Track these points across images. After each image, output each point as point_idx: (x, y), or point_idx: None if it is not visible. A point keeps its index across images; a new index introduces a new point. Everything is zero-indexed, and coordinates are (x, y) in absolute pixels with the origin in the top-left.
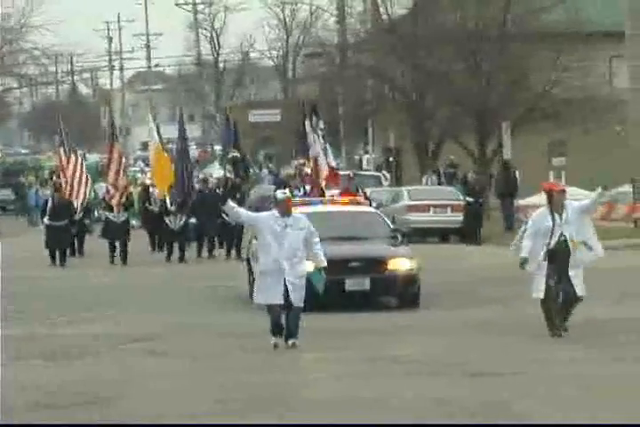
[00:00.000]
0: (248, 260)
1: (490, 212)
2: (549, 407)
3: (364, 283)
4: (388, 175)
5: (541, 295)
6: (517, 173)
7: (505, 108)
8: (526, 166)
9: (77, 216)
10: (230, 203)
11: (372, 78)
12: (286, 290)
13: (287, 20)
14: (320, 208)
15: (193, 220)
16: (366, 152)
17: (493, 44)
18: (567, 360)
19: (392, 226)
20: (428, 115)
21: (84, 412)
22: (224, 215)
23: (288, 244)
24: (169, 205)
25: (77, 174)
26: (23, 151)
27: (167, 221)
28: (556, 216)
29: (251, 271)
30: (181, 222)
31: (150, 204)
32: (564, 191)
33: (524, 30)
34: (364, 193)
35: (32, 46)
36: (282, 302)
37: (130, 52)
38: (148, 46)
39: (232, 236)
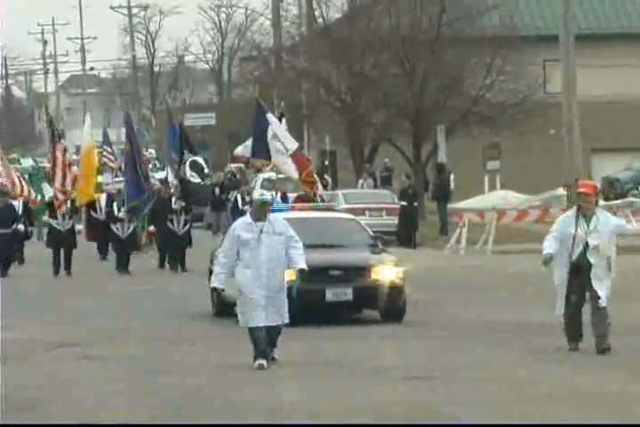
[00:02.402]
0: (210, 272)
1: (425, 215)
2: (479, 410)
3: (346, 293)
4: (329, 179)
5: (562, 311)
6: (452, 176)
7: (439, 111)
8: (461, 170)
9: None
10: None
11: (308, 82)
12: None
13: (222, 23)
14: (295, 214)
15: (152, 227)
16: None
17: (427, 48)
18: (489, 363)
19: (372, 233)
20: (363, 118)
21: (14, 417)
22: (170, 224)
23: (265, 252)
24: (116, 212)
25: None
26: None
27: (114, 228)
28: (583, 223)
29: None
30: (129, 230)
31: (95, 211)
32: (592, 194)
33: (458, 35)
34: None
35: None
36: (264, 323)
37: (64, 56)
38: (82, 50)
39: (179, 246)
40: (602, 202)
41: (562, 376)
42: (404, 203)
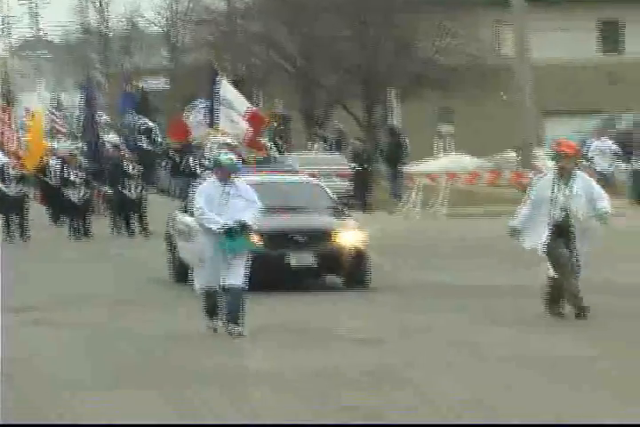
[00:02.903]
0: (169, 236)
1: (378, 179)
2: (436, 373)
3: (309, 258)
4: (281, 143)
5: (540, 248)
6: (406, 139)
7: (392, 75)
8: (414, 134)
9: None
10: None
11: (260, 45)
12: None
13: None
14: (257, 178)
15: (104, 188)
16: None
17: (380, 11)
18: (450, 327)
19: (335, 197)
20: (316, 82)
21: None
22: (124, 188)
23: (229, 215)
24: (71, 177)
25: None
26: None
27: (68, 193)
28: (562, 185)
29: (172, 250)
30: (84, 194)
31: (45, 175)
32: (573, 155)
33: None
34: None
35: None
36: (221, 284)
37: (15, 19)
38: (34, 13)
39: (133, 211)
40: (552, 164)
41: (518, 339)
42: (356, 166)
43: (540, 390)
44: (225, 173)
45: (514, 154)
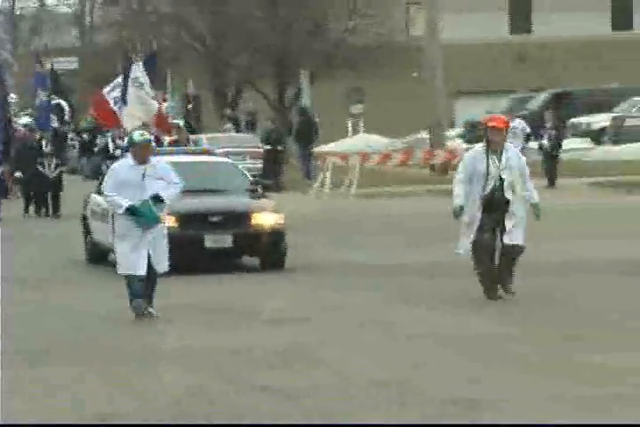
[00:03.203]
0: (84, 218)
1: (290, 159)
2: (349, 352)
3: (225, 240)
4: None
5: (462, 252)
6: (317, 119)
7: (303, 55)
8: (325, 114)
9: None
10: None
11: (171, 25)
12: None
13: None
14: (171, 158)
15: (17, 173)
16: (165, 100)
17: None
18: (364, 306)
19: (251, 178)
20: (227, 62)
21: None
22: (40, 167)
23: (146, 196)
24: None
25: None
26: None
27: None
28: (494, 158)
29: (88, 231)
30: None
31: None
32: (503, 128)
33: None
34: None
35: None
36: (144, 272)
37: None
38: None
39: (50, 191)
40: (464, 144)
41: (431, 318)
42: (268, 147)
43: (453, 367)
44: (140, 152)
45: (425, 134)
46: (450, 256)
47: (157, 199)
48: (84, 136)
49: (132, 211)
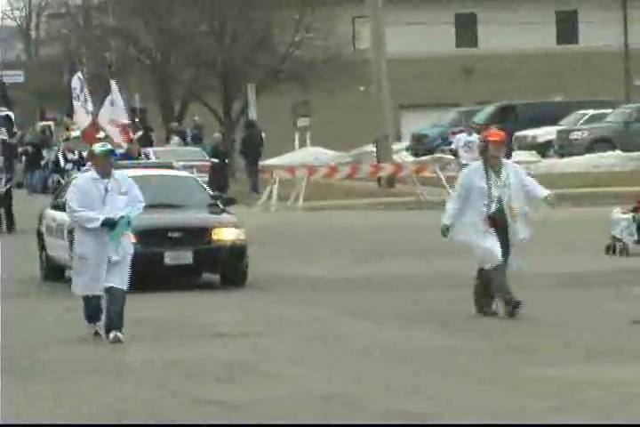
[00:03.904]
0: (39, 233)
1: (236, 172)
2: (297, 367)
3: (185, 256)
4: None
5: (497, 262)
6: (263, 133)
7: (249, 69)
8: (272, 127)
9: None
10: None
11: (116, 39)
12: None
13: None
14: (130, 172)
15: None
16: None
17: (236, 5)
18: (308, 320)
19: (212, 192)
20: (173, 76)
21: None
22: None
23: (109, 211)
24: None
25: None
26: None
27: None
28: (492, 175)
29: (43, 247)
30: None
31: None
32: (500, 142)
33: None
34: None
35: None
36: (101, 291)
37: None
38: None
39: (2, 205)
40: (411, 158)
41: (378, 332)
42: (215, 160)
43: (398, 380)
44: (101, 165)
45: (372, 147)
46: (400, 270)
47: (120, 219)
48: (30, 149)
49: (109, 224)
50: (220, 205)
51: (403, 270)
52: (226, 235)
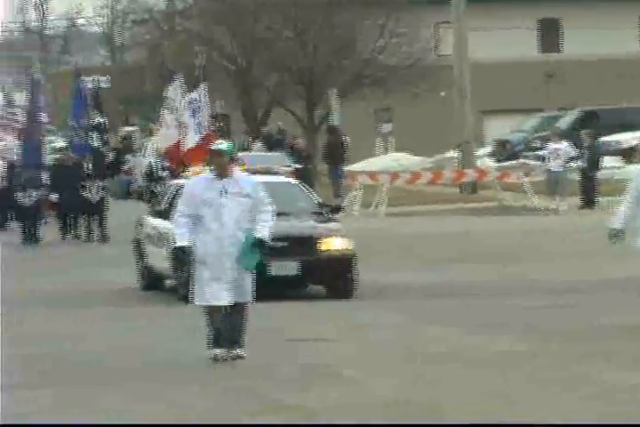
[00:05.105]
0: (137, 242)
1: (320, 178)
2: (375, 373)
3: (291, 267)
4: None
5: None
6: (346, 138)
7: (332, 74)
8: (354, 133)
9: None
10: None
11: (200, 45)
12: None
13: None
14: None
15: (54, 195)
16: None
17: (319, 10)
18: (388, 326)
19: (319, 200)
20: (256, 82)
21: None
22: (83, 190)
23: (228, 217)
24: (17, 179)
25: None
26: None
27: (18, 196)
28: None
29: (141, 255)
30: (33, 198)
31: None
32: None
33: None
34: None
35: None
36: (227, 301)
37: None
38: None
39: (95, 213)
40: (494, 164)
41: (458, 337)
42: (298, 165)
43: (473, 386)
44: (217, 164)
45: (454, 152)
46: (482, 276)
47: (260, 245)
48: (111, 155)
49: (181, 252)
50: (327, 213)
51: (485, 276)
52: (334, 245)
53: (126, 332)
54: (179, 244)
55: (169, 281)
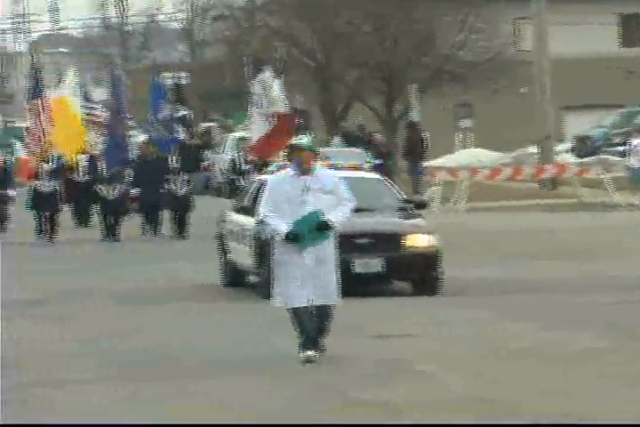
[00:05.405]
0: (220, 237)
1: (400, 174)
2: (454, 369)
3: (376, 264)
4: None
5: None
6: (426, 134)
7: (411, 70)
8: (433, 128)
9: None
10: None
11: (280, 40)
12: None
13: None
14: None
15: (135, 190)
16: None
17: (399, 6)
18: (469, 322)
19: (403, 195)
20: (336, 77)
21: None
22: (168, 184)
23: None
24: (101, 173)
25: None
26: None
27: (100, 190)
28: None
29: (224, 251)
30: (116, 192)
31: (73, 173)
32: None
33: None
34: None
35: None
36: (308, 302)
37: (36, 15)
38: (54, 8)
39: (180, 208)
40: (573, 159)
41: (539, 334)
42: (377, 161)
43: (553, 383)
44: (305, 161)
45: (533, 148)
46: (564, 272)
47: (324, 226)
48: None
49: (294, 238)
50: (411, 210)
51: (565, 273)
52: (419, 241)
53: (208, 327)
54: (283, 232)
55: (251, 278)
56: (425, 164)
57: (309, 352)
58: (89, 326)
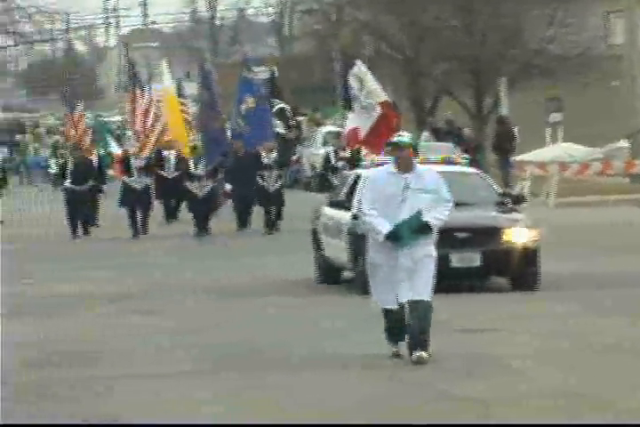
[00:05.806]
0: (315, 232)
1: (489, 168)
2: (543, 363)
3: (473, 258)
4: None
5: None
6: (516, 129)
7: (500, 64)
8: (523, 123)
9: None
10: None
11: (368, 35)
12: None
13: None
14: None
15: (229, 186)
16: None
17: (487, 1)
18: (557, 316)
19: (500, 189)
20: (424, 71)
21: (71, 370)
22: (260, 179)
23: (408, 213)
24: (193, 169)
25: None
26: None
27: (191, 186)
28: None
29: (319, 246)
30: (208, 188)
31: (163, 168)
32: None
33: None
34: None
35: (28, 4)
36: (400, 303)
37: (126, 10)
38: (144, 3)
39: (272, 204)
40: None
41: (628, 328)
42: (466, 156)
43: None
44: (406, 159)
45: (625, 143)
46: None
47: (425, 229)
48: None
49: (394, 238)
50: (509, 203)
51: None
52: (518, 236)
53: (300, 321)
54: (384, 232)
55: (346, 273)
56: (514, 158)
57: (395, 348)
58: (182, 319)
